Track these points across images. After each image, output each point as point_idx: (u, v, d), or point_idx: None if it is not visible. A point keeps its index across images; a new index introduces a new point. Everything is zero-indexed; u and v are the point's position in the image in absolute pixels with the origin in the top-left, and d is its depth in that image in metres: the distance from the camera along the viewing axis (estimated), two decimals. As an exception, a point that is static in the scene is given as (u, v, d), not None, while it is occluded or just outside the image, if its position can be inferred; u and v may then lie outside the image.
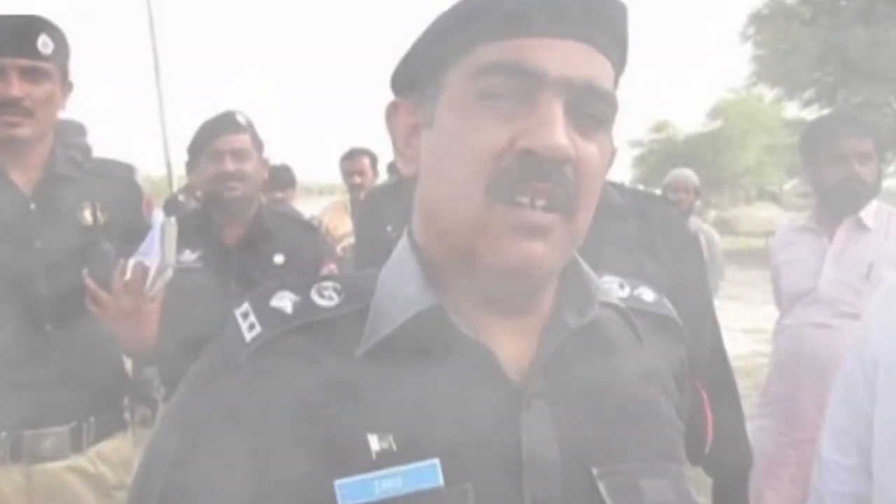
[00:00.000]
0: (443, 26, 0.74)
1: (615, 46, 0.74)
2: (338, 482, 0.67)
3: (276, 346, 0.72)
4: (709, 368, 1.60)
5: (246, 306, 0.75)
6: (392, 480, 0.68)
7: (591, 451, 0.73)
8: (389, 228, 2.42)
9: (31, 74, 1.76)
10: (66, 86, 1.87)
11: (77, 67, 1.88)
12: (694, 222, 4.87)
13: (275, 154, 2.79)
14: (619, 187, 1.65)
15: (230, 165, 2.33)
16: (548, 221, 0.69)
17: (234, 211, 2.39)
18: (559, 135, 0.68)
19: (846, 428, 1.52)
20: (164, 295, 1.87)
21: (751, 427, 2.10)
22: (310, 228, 2.72)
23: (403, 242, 0.79)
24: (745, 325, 8.43)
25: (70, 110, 1.96)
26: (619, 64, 0.76)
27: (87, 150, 3.49)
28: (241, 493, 0.70)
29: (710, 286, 1.88)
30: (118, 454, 1.94)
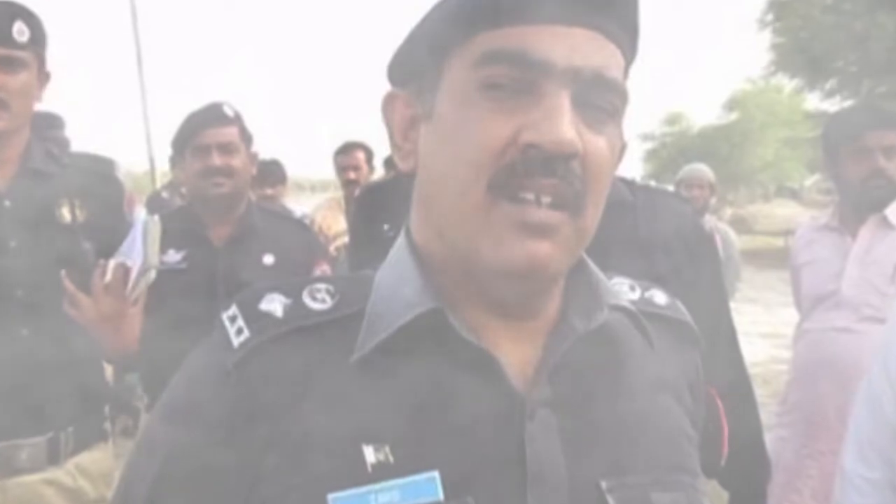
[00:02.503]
0: (443, 12, 0.74)
1: (625, 34, 0.74)
2: (331, 496, 0.67)
3: (265, 351, 0.72)
4: (725, 375, 1.60)
5: (233, 309, 0.75)
6: (389, 494, 0.68)
7: (599, 464, 0.73)
8: (386, 227, 2.41)
9: (6, 64, 1.76)
10: (43, 76, 1.87)
11: (55, 56, 1.89)
12: (709, 220, 4.87)
13: (264, 148, 2.79)
14: (629, 183, 1.65)
15: (217, 160, 2.33)
16: (554, 219, 0.69)
17: (220, 208, 2.39)
18: (566, 128, 0.68)
19: (871, 438, 1.52)
20: (146, 297, 1.87)
21: (769, 438, 2.10)
22: (301, 227, 2.72)
23: (401, 242, 0.79)
24: (763, 329, 8.44)
25: (47, 102, 1.96)
26: (630, 52, 0.76)
27: (65, 143, 3.50)
28: (228, 508, 0.70)
29: (725, 288, 1.88)
30: (98, 466, 1.94)
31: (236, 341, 0.73)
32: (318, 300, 0.76)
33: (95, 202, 1.91)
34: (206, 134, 2.34)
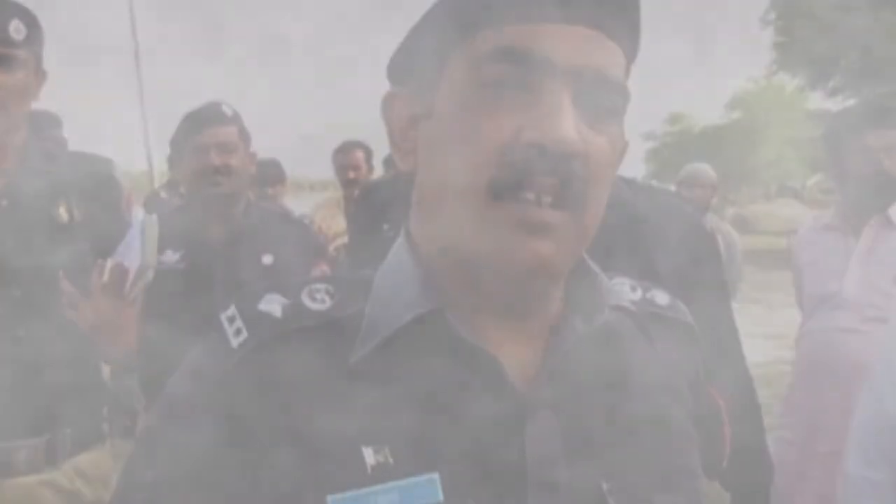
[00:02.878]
0: (444, 10, 0.74)
1: (627, 32, 0.74)
2: (331, 497, 0.67)
3: (264, 352, 0.72)
4: (727, 376, 1.60)
5: (232, 310, 0.75)
6: (388, 496, 0.68)
7: (600, 465, 0.73)
8: (386, 227, 2.42)
9: (2, 62, 1.76)
10: (40, 75, 1.87)
11: (51, 55, 1.89)
12: (711, 220, 4.86)
13: (263, 147, 2.78)
14: (630, 183, 1.65)
15: (215, 159, 2.33)
16: (555, 219, 0.69)
17: (219, 208, 2.39)
18: (567, 127, 0.68)
19: (874, 440, 1.52)
20: (144, 298, 1.87)
21: (771, 439, 2.10)
22: (300, 227, 2.72)
23: (400, 242, 0.79)
24: (765, 329, 8.44)
25: (44, 101, 1.96)
26: (631, 51, 0.76)
27: (62, 143, 3.49)
28: (227, 510, 0.70)
29: (727, 288, 1.88)
30: (96, 468, 1.94)
31: (235, 342, 0.73)
32: (318, 300, 0.76)
33: (93, 202, 1.90)
34: (204, 133, 2.34)
